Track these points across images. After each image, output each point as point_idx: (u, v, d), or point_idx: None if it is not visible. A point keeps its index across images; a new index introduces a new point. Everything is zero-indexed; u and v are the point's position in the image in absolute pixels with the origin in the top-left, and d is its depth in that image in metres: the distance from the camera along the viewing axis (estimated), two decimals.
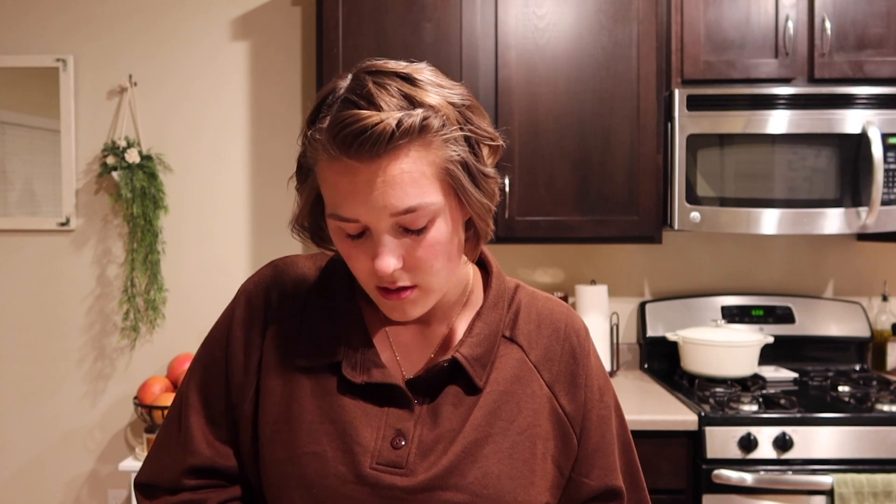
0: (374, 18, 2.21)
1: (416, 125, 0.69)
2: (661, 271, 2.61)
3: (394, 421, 0.79)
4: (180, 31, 2.59)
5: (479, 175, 0.75)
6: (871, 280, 2.60)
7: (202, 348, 0.89)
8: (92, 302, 2.61)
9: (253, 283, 0.88)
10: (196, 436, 0.83)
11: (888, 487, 1.84)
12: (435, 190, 0.72)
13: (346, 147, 0.69)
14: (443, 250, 0.75)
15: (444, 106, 0.72)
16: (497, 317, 0.86)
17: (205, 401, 0.85)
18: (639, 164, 2.22)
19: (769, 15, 2.22)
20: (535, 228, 2.23)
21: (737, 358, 2.23)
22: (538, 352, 0.86)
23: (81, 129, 2.59)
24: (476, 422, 0.79)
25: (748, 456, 1.91)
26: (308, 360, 0.82)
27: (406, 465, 0.77)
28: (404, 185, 0.70)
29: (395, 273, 0.74)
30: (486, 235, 0.81)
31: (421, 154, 0.71)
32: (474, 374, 0.81)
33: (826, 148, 2.17)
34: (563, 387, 0.85)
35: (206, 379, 0.86)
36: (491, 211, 0.79)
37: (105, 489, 2.61)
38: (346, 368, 0.80)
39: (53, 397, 2.61)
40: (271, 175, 2.60)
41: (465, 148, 0.73)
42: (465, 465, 0.77)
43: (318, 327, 0.84)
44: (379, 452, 0.77)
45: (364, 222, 0.72)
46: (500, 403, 0.81)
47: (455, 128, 0.72)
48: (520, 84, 2.22)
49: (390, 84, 0.71)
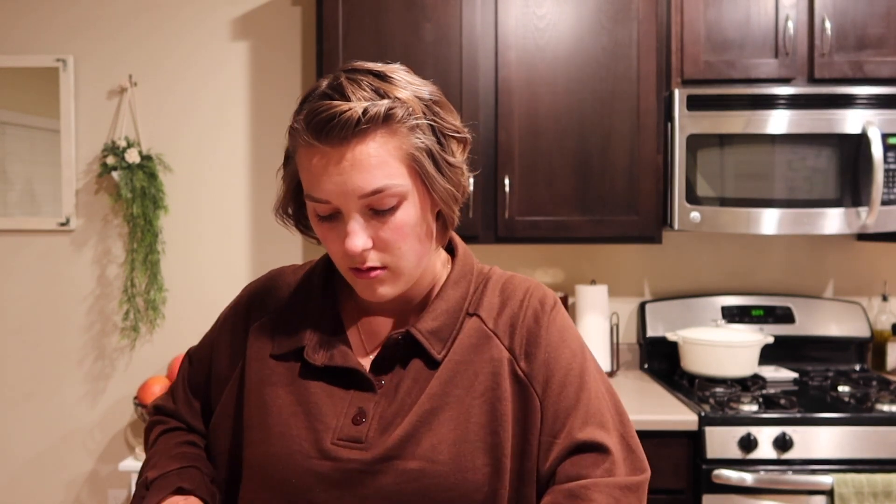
0: (374, 18, 2.21)
1: (381, 113, 0.76)
2: (661, 271, 2.61)
3: (357, 401, 0.84)
4: (180, 32, 2.59)
5: (444, 164, 0.81)
6: (871, 280, 2.60)
7: (207, 333, 1.01)
8: (92, 302, 2.61)
9: (248, 288, 0.99)
10: (178, 389, 1.00)
11: (888, 487, 1.84)
12: (401, 174, 0.78)
13: (318, 133, 0.76)
14: (410, 232, 0.80)
15: (411, 99, 0.79)
16: (459, 294, 0.89)
17: (191, 371, 1.00)
18: (639, 164, 2.22)
19: (769, 15, 2.22)
20: (535, 228, 2.23)
21: (737, 358, 2.23)
22: (500, 320, 0.87)
23: (81, 129, 2.59)
24: (432, 391, 0.82)
25: (748, 456, 1.91)
26: (280, 348, 0.89)
27: (365, 439, 0.81)
28: (371, 168, 0.76)
29: (364, 254, 0.79)
30: (452, 222, 0.87)
31: (387, 140, 0.77)
32: (430, 347, 0.84)
33: (826, 148, 2.17)
34: (522, 349, 0.85)
35: (198, 355, 0.99)
36: (456, 198, 0.85)
37: (105, 489, 2.61)
38: (308, 352, 0.86)
39: (53, 397, 2.61)
40: (271, 175, 2.60)
41: (432, 138, 0.80)
42: (420, 434, 0.80)
43: (293, 320, 0.90)
44: (340, 429, 0.82)
45: (335, 204, 0.78)
46: (456, 372, 0.84)
47: (420, 116, 0.79)
48: (520, 84, 2.22)
49: (363, 79, 0.78)
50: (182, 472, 0.89)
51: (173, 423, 0.98)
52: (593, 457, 0.81)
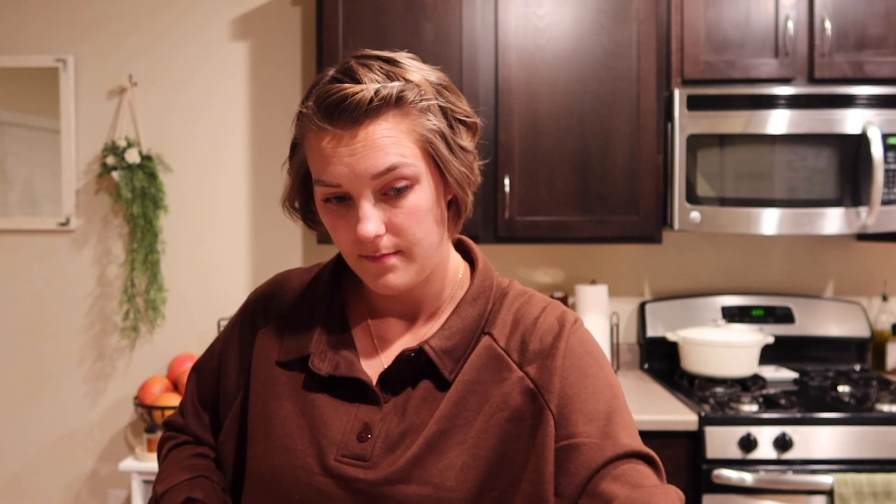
0: (374, 18, 2.21)
1: (393, 94, 0.75)
2: (661, 271, 2.61)
3: (363, 415, 0.81)
4: (180, 32, 2.59)
5: (457, 147, 0.80)
6: (871, 280, 2.60)
7: (213, 343, 0.99)
8: (92, 302, 2.61)
9: (254, 293, 0.97)
10: (186, 404, 0.97)
11: (888, 487, 1.84)
12: (415, 155, 0.77)
13: (329, 114, 0.75)
14: (424, 218, 0.78)
15: (422, 81, 0.78)
16: (476, 312, 0.85)
17: (199, 384, 0.97)
18: (639, 164, 2.22)
19: (769, 15, 2.22)
20: (535, 228, 2.23)
21: (737, 358, 2.23)
22: (512, 338, 0.83)
23: (81, 129, 2.59)
24: (441, 414, 0.79)
25: (748, 456, 1.91)
26: (286, 355, 0.87)
27: (370, 457, 0.79)
28: (383, 147, 0.75)
29: (376, 240, 0.77)
30: (466, 208, 0.85)
31: (399, 121, 0.76)
32: (442, 366, 0.81)
33: (826, 148, 2.17)
34: (535, 362, 0.81)
35: (206, 367, 0.97)
36: (470, 182, 0.83)
37: (105, 489, 2.61)
38: (314, 360, 0.84)
39: (53, 397, 2.61)
40: (271, 175, 2.60)
41: (444, 121, 0.79)
42: (429, 459, 0.78)
43: (300, 325, 0.88)
44: (344, 445, 0.80)
45: (346, 188, 0.76)
46: (466, 394, 0.81)
47: (430, 99, 0.78)
48: (520, 84, 2.22)
49: (373, 63, 0.77)
50: (192, 482, 0.87)
51: (183, 438, 0.96)
52: (641, 465, 0.76)
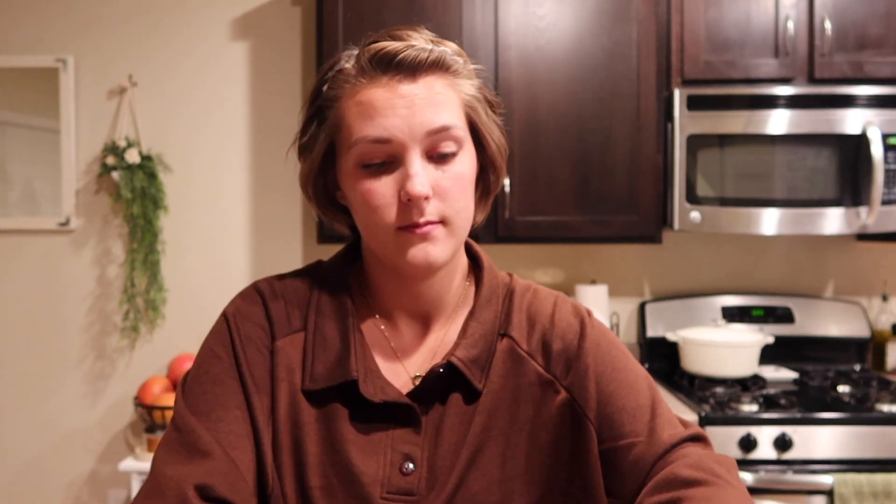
0: (374, 18, 2.21)
1: (445, 57, 0.76)
2: (661, 271, 2.61)
3: (399, 444, 0.77)
4: (180, 32, 2.59)
5: (492, 118, 0.81)
6: (871, 280, 2.60)
7: (196, 378, 0.80)
8: (92, 302, 2.61)
9: (234, 313, 0.82)
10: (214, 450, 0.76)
11: (888, 487, 1.84)
12: (461, 118, 0.77)
13: (387, 65, 0.74)
14: (467, 186, 0.78)
15: (460, 52, 0.79)
16: (491, 314, 0.83)
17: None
18: (639, 164, 2.22)
19: (769, 15, 2.22)
20: (535, 228, 2.23)
21: (737, 358, 2.23)
22: (532, 339, 0.82)
23: (81, 129, 2.59)
24: (476, 429, 0.78)
25: (748, 456, 1.91)
26: (315, 382, 0.78)
27: (417, 491, 0.76)
28: (440, 105, 0.75)
29: (423, 203, 0.74)
30: (498, 183, 0.85)
31: (450, 82, 0.77)
32: (472, 376, 0.79)
33: (826, 148, 2.17)
34: (561, 363, 0.81)
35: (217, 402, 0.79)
36: (505, 153, 0.83)
37: (105, 489, 2.61)
38: (365, 388, 0.77)
39: (53, 397, 2.61)
40: (271, 175, 2.60)
41: (479, 92, 0.80)
42: (471, 477, 0.77)
43: (319, 346, 0.80)
44: (388, 480, 0.76)
45: (397, 142, 0.74)
46: (496, 403, 0.79)
47: (472, 67, 0.80)
48: (520, 84, 2.22)
49: (413, 31, 0.78)
50: None
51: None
52: (690, 447, 0.76)
